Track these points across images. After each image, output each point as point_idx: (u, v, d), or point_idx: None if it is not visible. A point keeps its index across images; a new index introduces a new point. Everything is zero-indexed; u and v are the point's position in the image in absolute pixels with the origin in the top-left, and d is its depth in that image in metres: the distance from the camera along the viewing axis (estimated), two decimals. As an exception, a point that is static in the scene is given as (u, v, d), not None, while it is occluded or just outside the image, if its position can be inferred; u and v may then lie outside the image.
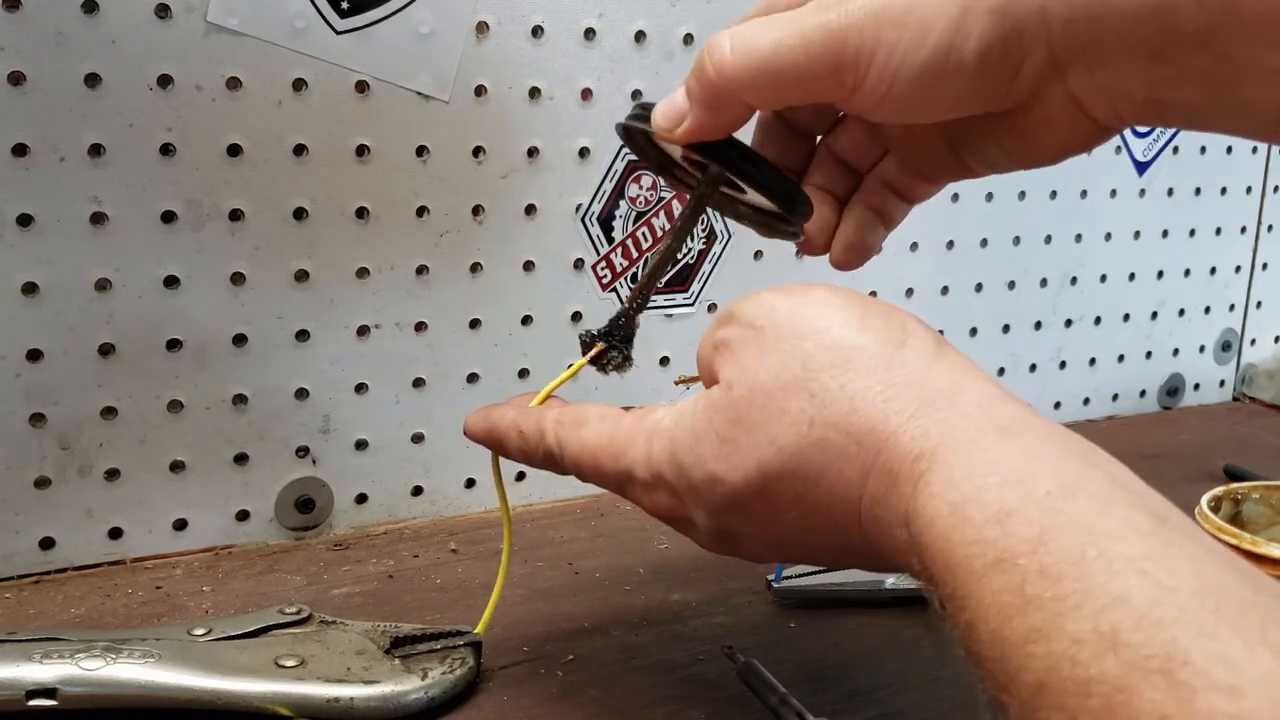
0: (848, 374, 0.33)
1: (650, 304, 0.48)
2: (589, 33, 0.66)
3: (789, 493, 0.34)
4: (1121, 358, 0.92)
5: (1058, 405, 0.90)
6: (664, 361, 0.73)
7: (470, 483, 0.69)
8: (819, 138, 0.46)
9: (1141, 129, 0.87)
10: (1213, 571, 0.24)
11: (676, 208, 0.71)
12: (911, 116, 0.38)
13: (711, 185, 0.45)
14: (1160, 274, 0.92)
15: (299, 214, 0.61)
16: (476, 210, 0.65)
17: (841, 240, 0.45)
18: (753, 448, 0.34)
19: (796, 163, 0.46)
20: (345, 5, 0.59)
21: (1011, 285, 0.85)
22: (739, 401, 0.35)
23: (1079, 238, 0.87)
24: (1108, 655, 0.23)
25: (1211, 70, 0.33)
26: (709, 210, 0.47)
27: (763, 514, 0.35)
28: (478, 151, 0.64)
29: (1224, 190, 0.93)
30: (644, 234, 0.70)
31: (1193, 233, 0.92)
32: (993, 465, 0.28)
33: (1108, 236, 0.88)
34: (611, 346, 0.45)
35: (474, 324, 0.67)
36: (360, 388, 0.65)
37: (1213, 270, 0.94)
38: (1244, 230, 0.95)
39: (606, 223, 0.69)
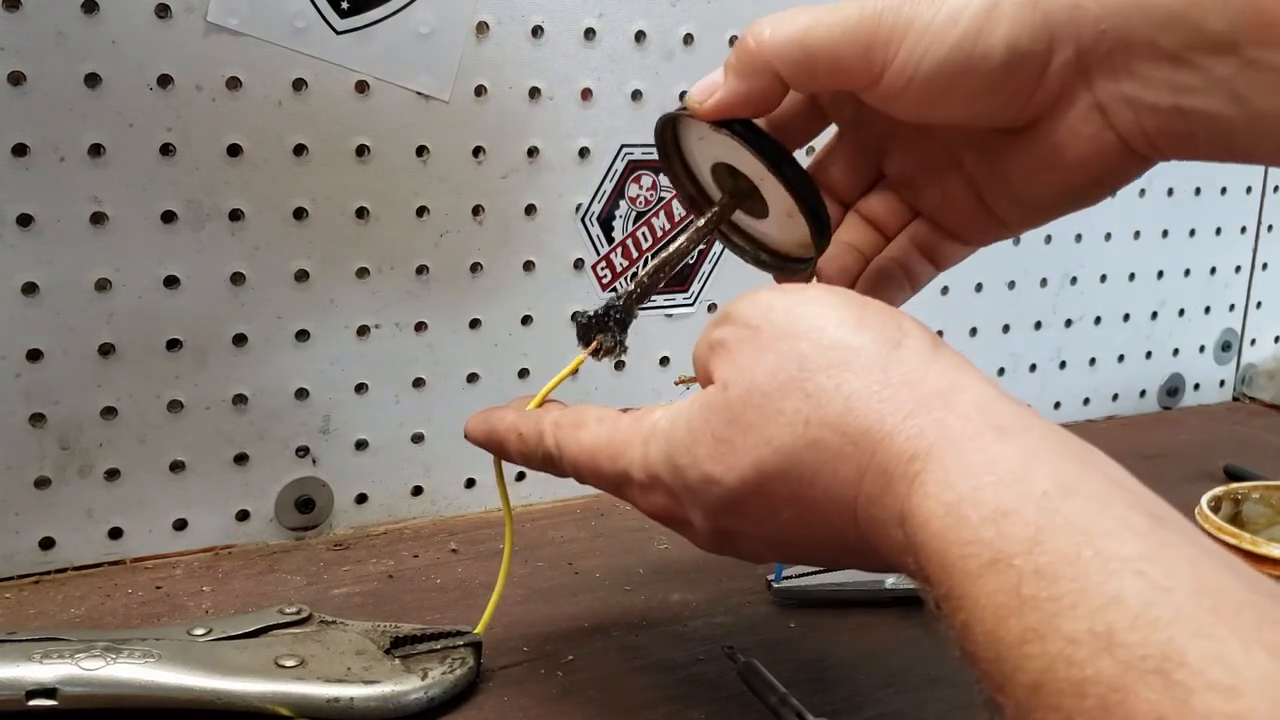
0: (843, 374, 0.33)
1: (649, 302, 0.48)
2: (589, 33, 0.66)
3: (785, 493, 0.34)
4: (1121, 358, 0.92)
5: (1058, 405, 0.90)
6: (664, 361, 0.73)
7: (470, 483, 0.69)
8: (849, 208, 0.47)
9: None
10: (1210, 572, 0.24)
11: (676, 208, 0.71)
12: (935, 108, 0.38)
13: (736, 198, 0.45)
14: (1160, 274, 0.92)
15: (299, 214, 0.61)
16: (476, 210, 0.65)
17: (862, 287, 0.45)
18: (748, 448, 0.34)
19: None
20: (345, 5, 0.59)
21: (1011, 285, 0.85)
22: (734, 402, 0.35)
23: (1079, 238, 0.87)
24: (1103, 655, 0.23)
25: (1236, 77, 0.34)
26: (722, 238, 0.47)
27: (759, 514, 0.35)
28: (478, 151, 0.64)
29: (1224, 190, 0.93)
30: (644, 234, 0.70)
31: (1193, 233, 0.92)
32: (989, 465, 0.28)
33: (1108, 236, 0.88)
34: (605, 331, 0.45)
35: (474, 324, 0.67)
36: (360, 388, 0.65)
37: (1213, 270, 0.94)
38: (1244, 230, 0.95)
39: (606, 223, 0.69)
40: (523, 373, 0.69)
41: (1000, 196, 0.43)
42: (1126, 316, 0.91)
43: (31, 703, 0.43)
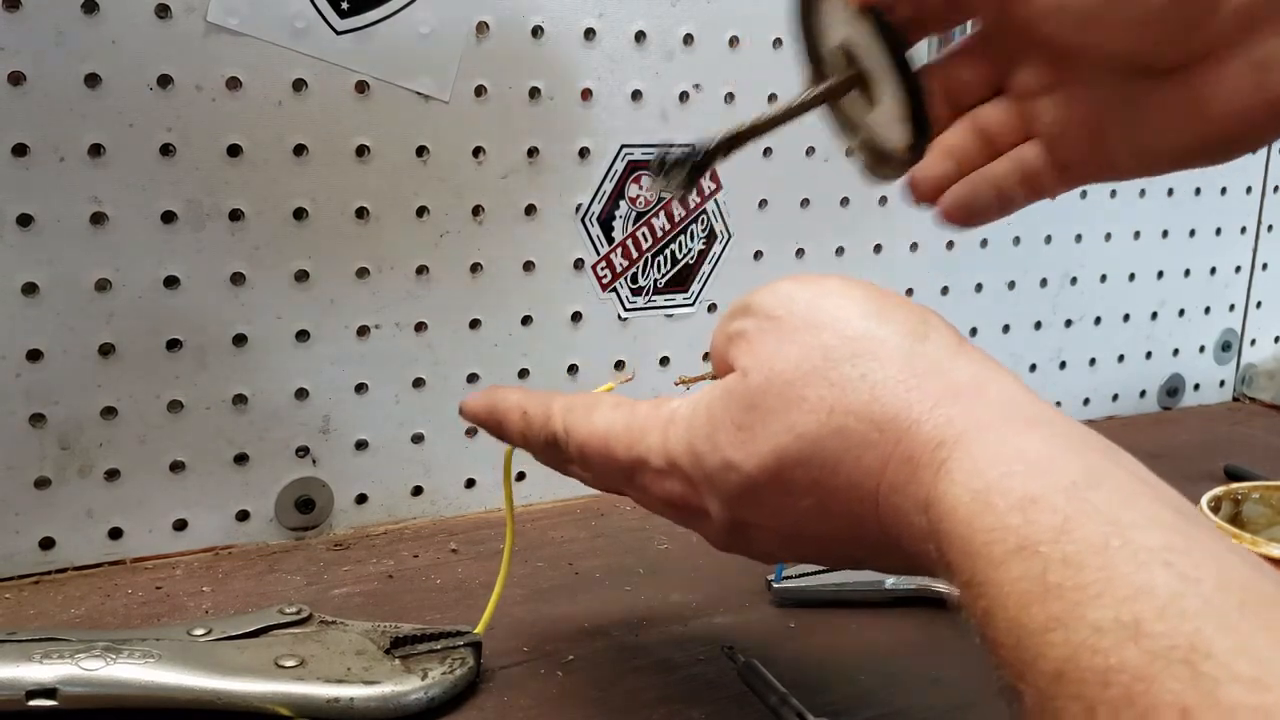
0: (869, 363, 0.33)
1: (650, 302, 0.48)
2: (589, 33, 0.66)
3: (805, 480, 0.34)
4: (1121, 358, 0.92)
5: (1058, 405, 0.89)
6: (664, 361, 0.73)
7: (470, 483, 0.69)
8: (964, 113, 0.44)
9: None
10: (1236, 567, 0.24)
11: (676, 209, 0.71)
12: (1088, 31, 0.37)
13: (850, 82, 0.43)
14: (1160, 274, 0.92)
15: (299, 214, 0.61)
16: (476, 210, 0.65)
17: (953, 196, 0.43)
18: (770, 435, 0.34)
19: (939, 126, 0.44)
20: (345, 5, 0.59)
21: (1011, 285, 0.85)
22: (755, 390, 0.34)
23: (1079, 238, 0.87)
24: (1129, 645, 0.23)
25: None
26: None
27: (777, 503, 0.35)
28: (478, 151, 0.64)
29: (1224, 190, 0.93)
30: (644, 234, 0.70)
31: (1193, 233, 0.92)
32: (1017, 454, 0.28)
33: (1108, 236, 0.88)
34: (682, 170, 0.42)
35: (474, 324, 0.67)
36: (360, 388, 0.65)
37: (1213, 270, 0.94)
38: (1244, 230, 0.95)
39: (606, 223, 0.69)
40: (523, 373, 0.69)
41: (1123, 137, 0.40)
42: (1126, 316, 0.91)
43: (31, 703, 0.43)
